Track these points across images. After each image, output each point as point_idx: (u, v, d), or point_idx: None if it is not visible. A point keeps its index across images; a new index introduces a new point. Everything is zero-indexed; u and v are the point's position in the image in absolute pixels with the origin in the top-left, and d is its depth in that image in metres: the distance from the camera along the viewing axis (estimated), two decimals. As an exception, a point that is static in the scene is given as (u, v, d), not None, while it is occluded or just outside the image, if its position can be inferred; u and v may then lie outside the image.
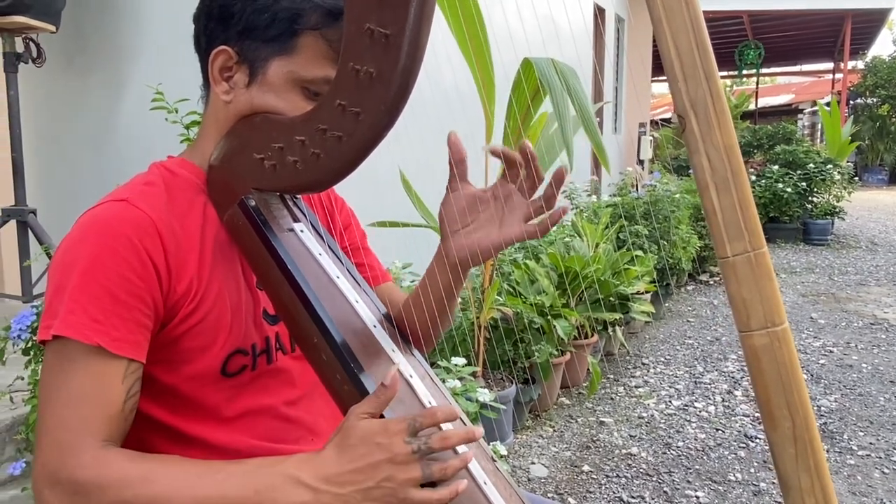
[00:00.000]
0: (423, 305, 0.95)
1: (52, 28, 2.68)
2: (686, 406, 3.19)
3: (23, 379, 1.84)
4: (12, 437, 1.94)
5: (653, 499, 2.38)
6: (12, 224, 2.74)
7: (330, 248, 0.91)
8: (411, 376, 0.87)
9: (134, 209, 0.79)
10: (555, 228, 3.87)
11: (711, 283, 5.82)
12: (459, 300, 0.99)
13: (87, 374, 0.74)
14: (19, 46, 2.70)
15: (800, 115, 18.15)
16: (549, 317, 2.96)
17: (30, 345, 1.81)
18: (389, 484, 0.71)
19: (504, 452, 2.40)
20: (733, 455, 2.69)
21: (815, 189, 7.85)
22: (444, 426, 0.77)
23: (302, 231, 0.89)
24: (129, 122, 3.03)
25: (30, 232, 2.73)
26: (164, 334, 0.81)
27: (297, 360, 0.94)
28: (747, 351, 0.64)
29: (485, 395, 2.24)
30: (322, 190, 0.85)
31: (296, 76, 0.83)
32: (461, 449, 0.80)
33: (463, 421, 0.83)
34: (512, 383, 2.76)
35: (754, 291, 0.62)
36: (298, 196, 0.94)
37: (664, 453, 2.71)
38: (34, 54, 2.77)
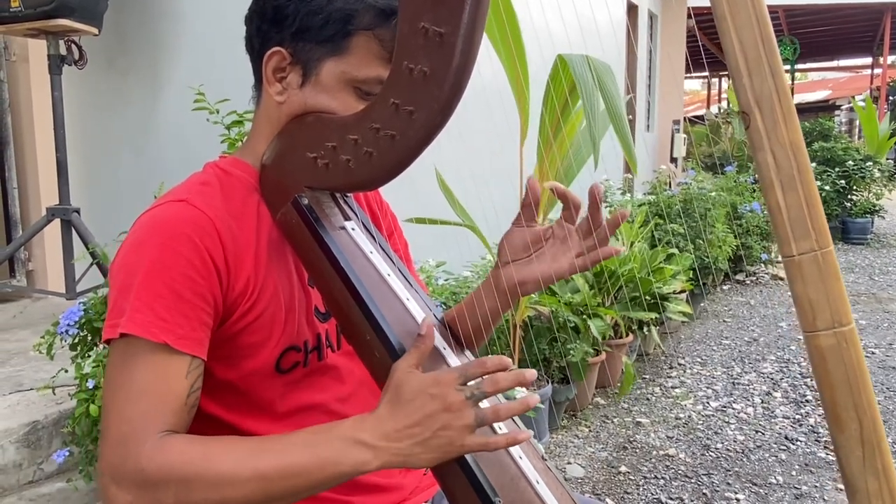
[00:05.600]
0: (468, 322, 0.97)
1: (95, 31, 2.73)
2: (724, 407, 3.14)
3: (66, 371, 1.88)
4: (59, 431, 1.99)
5: (692, 501, 2.35)
6: (56, 223, 2.80)
7: (381, 246, 0.92)
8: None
9: (193, 209, 0.80)
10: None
11: (748, 282, 5.73)
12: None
13: (151, 371, 0.75)
14: (62, 49, 2.76)
15: (837, 112, 17.76)
16: (585, 316, 2.94)
17: (77, 340, 1.85)
18: (446, 432, 0.71)
19: (541, 452, 2.39)
20: (774, 457, 2.65)
21: (855, 187, 7.67)
22: None
23: (353, 229, 0.89)
24: (170, 123, 3.08)
25: (73, 230, 2.78)
26: (223, 331, 0.82)
27: (346, 357, 0.95)
28: (813, 352, 0.63)
29: (521, 394, 2.23)
30: (374, 188, 0.85)
31: (349, 76, 0.83)
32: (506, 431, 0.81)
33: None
34: (547, 382, 2.75)
35: (821, 291, 0.61)
36: (349, 194, 0.95)
37: (703, 455, 2.68)
38: (76, 56, 2.82)
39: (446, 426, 0.71)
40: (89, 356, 1.82)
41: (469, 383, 0.73)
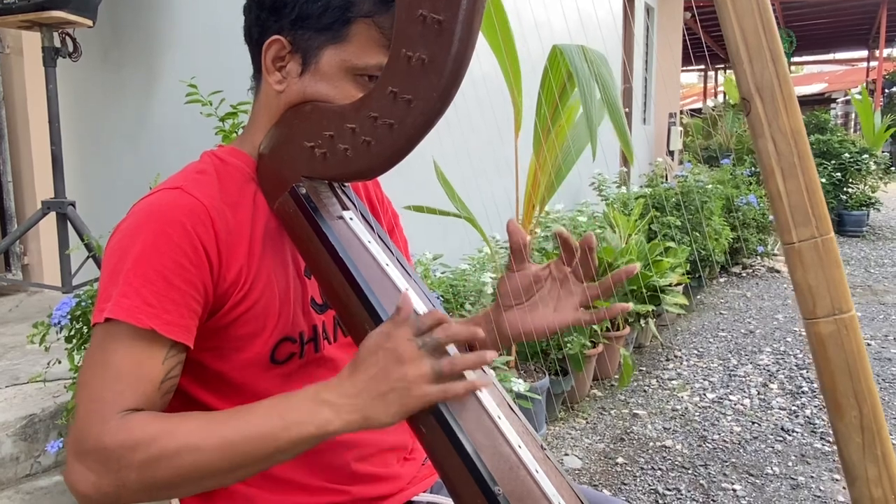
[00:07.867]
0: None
1: (89, 23, 2.71)
2: (721, 399, 3.15)
3: (60, 362, 1.88)
4: (56, 424, 1.98)
5: (689, 491, 2.35)
6: (52, 216, 2.79)
7: (379, 237, 0.91)
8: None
9: (188, 196, 0.80)
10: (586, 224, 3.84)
11: (744, 275, 5.74)
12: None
13: (129, 354, 0.74)
14: (57, 41, 2.74)
15: (833, 105, 17.78)
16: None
17: (72, 332, 1.84)
18: (402, 383, 0.72)
19: (540, 441, 2.40)
20: (770, 448, 2.66)
21: (851, 179, 7.69)
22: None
23: (351, 219, 0.89)
24: (165, 115, 3.06)
25: (69, 224, 2.77)
26: (214, 321, 0.81)
27: (344, 349, 0.94)
28: (812, 339, 0.63)
29: (519, 385, 2.24)
30: (372, 177, 0.85)
31: (349, 64, 0.82)
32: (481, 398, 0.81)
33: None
34: (545, 374, 2.75)
35: (821, 278, 0.61)
36: (347, 184, 0.95)
37: (699, 446, 2.68)
38: (71, 49, 2.80)
39: (402, 377, 0.72)
40: (84, 348, 1.81)
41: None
